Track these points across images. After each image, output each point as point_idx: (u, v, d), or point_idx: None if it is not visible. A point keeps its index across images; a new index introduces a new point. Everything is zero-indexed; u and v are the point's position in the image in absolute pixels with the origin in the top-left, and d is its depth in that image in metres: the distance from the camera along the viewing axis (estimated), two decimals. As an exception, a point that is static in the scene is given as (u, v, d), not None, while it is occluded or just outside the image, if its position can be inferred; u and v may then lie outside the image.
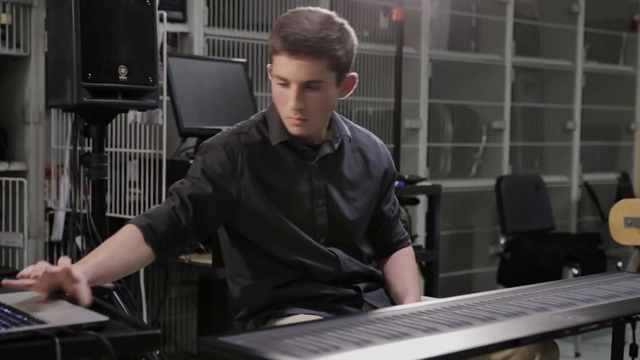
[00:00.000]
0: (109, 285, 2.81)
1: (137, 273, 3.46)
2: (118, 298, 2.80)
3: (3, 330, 1.53)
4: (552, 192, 5.87)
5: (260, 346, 1.53)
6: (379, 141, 2.41)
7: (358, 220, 2.31)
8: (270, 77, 2.19)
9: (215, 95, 3.69)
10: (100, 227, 2.82)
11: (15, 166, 3.51)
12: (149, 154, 3.40)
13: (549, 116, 6.04)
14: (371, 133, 2.43)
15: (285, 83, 2.10)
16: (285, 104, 2.12)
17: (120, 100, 2.74)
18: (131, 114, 3.28)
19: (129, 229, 2.08)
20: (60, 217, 3.56)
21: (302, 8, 2.16)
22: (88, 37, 2.65)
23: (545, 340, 2.10)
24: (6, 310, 1.69)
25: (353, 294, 2.28)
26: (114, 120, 3.37)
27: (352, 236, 2.31)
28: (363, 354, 1.51)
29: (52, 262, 3.59)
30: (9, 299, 1.80)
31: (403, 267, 2.39)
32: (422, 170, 4.98)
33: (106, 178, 2.83)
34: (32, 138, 3.54)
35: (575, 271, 4.87)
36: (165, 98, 3.32)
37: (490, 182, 5.38)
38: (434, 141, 5.20)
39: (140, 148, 3.39)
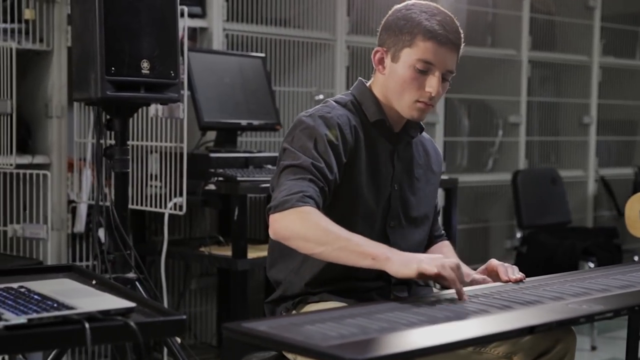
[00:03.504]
0: (131, 275, 2.87)
1: (158, 264, 3.52)
2: (140, 288, 2.85)
3: (35, 315, 1.57)
4: (569, 186, 5.89)
5: (282, 331, 1.58)
6: (431, 138, 2.49)
7: (424, 210, 2.38)
8: (380, 61, 2.23)
9: (235, 90, 3.74)
10: (123, 219, 2.86)
11: (39, 159, 3.57)
12: (170, 148, 3.45)
13: (565, 111, 6.06)
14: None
15: (427, 69, 2.16)
16: (418, 88, 2.17)
17: (142, 94, 2.78)
18: (152, 108, 3.34)
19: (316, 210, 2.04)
20: (82, 210, 3.62)
21: (423, 2, 2.22)
22: (111, 31, 2.70)
23: (561, 328, 2.13)
24: (36, 296, 1.74)
25: (382, 285, 2.31)
26: (135, 114, 3.44)
27: (418, 225, 2.37)
28: (383, 341, 1.55)
29: (74, 253, 3.66)
30: (42, 286, 1.85)
31: (446, 253, 2.45)
32: (439, 165, 5.00)
33: (128, 170, 2.88)
34: (54, 131, 3.60)
35: (592, 265, 4.89)
36: (185, 92, 3.36)
37: (507, 177, 5.40)
38: (450, 135, 5.23)
39: (160, 141, 3.44)
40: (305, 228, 2.02)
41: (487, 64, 5.49)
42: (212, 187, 3.41)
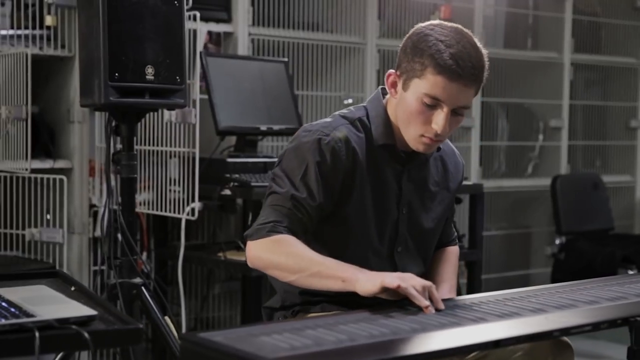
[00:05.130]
0: (137, 280, 2.87)
1: (176, 269, 3.52)
2: (146, 293, 2.85)
3: (-8, 322, 1.58)
4: (615, 192, 5.75)
5: (235, 343, 1.56)
6: (456, 150, 2.38)
7: (433, 230, 2.31)
8: (393, 85, 2.13)
9: (255, 95, 3.73)
10: (130, 224, 2.87)
11: (60, 164, 3.62)
12: (188, 153, 3.45)
13: (612, 114, 5.90)
14: (448, 140, 2.37)
15: (435, 104, 2.04)
16: (424, 123, 2.06)
17: (147, 100, 2.78)
18: (166, 113, 3.34)
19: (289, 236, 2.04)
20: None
21: (447, 24, 2.09)
22: (115, 37, 2.70)
23: (534, 342, 2.00)
24: (4, 304, 1.75)
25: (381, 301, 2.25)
26: (156, 119, 3.46)
27: (426, 245, 2.30)
28: (332, 353, 1.52)
29: (95, 256, 3.70)
30: (15, 293, 1.86)
31: (445, 260, 2.39)
32: (474, 169, 4.93)
33: (135, 176, 2.88)
34: (76, 136, 3.63)
35: (631, 273, 4.76)
36: (198, 97, 3.36)
37: (548, 182, 5.28)
38: (487, 140, 5.14)
39: (177, 146, 3.44)
40: (277, 257, 2.04)
41: (528, 67, 5.39)
42: (227, 192, 3.41)
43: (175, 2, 2.84)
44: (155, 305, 2.86)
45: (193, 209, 3.35)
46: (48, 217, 3.53)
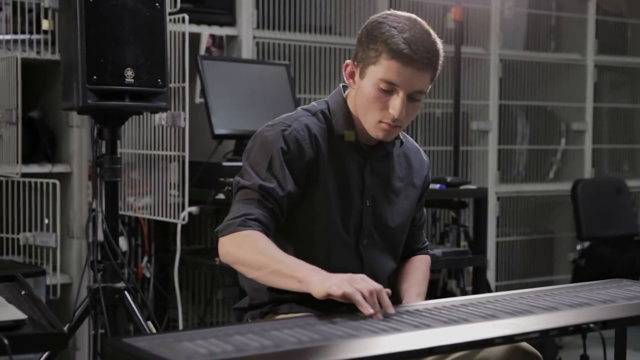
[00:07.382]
0: (120, 285, 2.85)
1: (180, 274, 3.50)
2: (129, 298, 2.83)
3: None
4: (643, 196, 5.61)
5: (154, 348, 1.52)
6: (421, 149, 2.40)
7: (400, 225, 2.29)
8: (351, 75, 2.16)
9: (254, 98, 3.69)
10: (113, 228, 2.85)
11: (60, 168, 3.62)
12: (178, 156, 3.42)
13: (641, 117, 5.76)
14: (413, 140, 2.41)
15: (391, 89, 2.07)
16: (382, 109, 2.09)
17: (127, 103, 2.76)
18: (157, 117, 3.33)
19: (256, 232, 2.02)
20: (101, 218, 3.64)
21: (401, 13, 2.12)
22: (93, 40, 2.69)
23: (476, 349, 1.96)
24: None
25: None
26: (149, 122, 3.45)
27: (393, 241, 2.29)
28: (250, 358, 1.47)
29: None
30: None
31: (415, 268, 2.37)
32: (492, 173, 4.84)
33: (118, 179, 2.86)
34: (75, 140, 3.63)
35: (653, 280, 4.61)
36: (187, 100, 3.34)
37: (571, 186, 5.16)
38: (506, 143, 5.04)
39: (168, 150, 3.41)
40: (242, 253, 2.03)
41: (550, 69, 5.28)
42: (222, 196, 3.38)
43: (157, 4, 2.82)
44: (138, 310, 2.84)
45: (190, 213, 3.33)
46: (46, 221, 3.53)
